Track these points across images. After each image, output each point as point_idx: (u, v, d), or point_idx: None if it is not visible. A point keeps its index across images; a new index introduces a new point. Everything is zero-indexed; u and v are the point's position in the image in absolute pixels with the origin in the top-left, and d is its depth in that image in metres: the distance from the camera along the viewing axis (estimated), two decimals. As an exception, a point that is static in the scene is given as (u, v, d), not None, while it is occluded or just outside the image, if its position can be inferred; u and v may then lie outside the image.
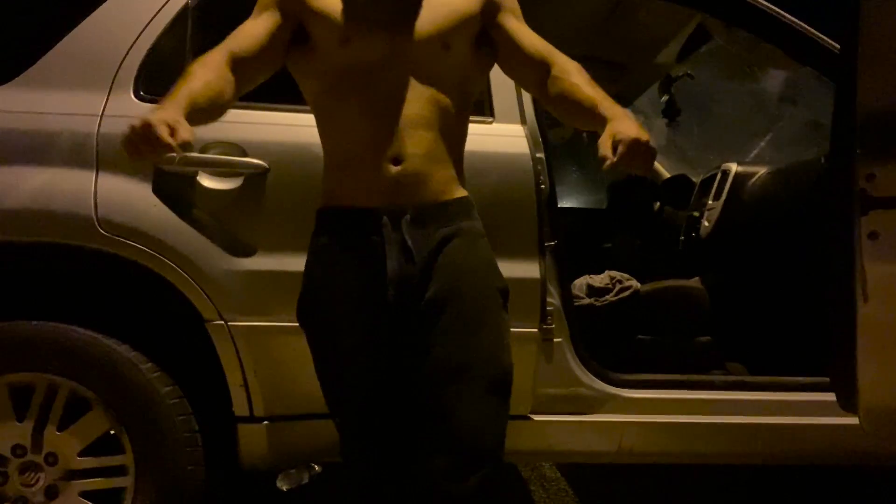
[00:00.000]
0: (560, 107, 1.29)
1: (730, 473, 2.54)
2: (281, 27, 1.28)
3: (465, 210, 1.29)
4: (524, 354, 1.66)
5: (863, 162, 1.50)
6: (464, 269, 1.25)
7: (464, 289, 1.24)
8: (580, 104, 1.24)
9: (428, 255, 1.22)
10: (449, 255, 1.23)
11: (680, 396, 1.79)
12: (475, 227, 1.30)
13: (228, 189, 1.59)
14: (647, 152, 1.11)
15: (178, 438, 1.58)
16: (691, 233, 2.83)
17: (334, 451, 1.31)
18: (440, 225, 1.24)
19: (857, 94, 1.49)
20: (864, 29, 1.48)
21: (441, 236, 1.23)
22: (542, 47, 1.31)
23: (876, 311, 1.51)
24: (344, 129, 1.25)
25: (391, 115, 1.21)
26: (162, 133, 1.03)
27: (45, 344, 1.54)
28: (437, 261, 1.22)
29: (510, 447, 1.72)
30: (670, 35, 2.73)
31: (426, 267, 1.22)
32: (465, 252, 1.25)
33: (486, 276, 1.28)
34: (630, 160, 1.09)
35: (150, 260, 1.55)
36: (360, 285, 1.22)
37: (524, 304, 1.65)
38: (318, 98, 1.30)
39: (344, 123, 1.25)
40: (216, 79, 1.20)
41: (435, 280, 1.22)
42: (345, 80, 1.24)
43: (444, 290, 1.22)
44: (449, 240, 1.24)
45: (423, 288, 1.22)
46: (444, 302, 1.22)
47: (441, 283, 1.22)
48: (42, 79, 1.62)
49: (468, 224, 1.28)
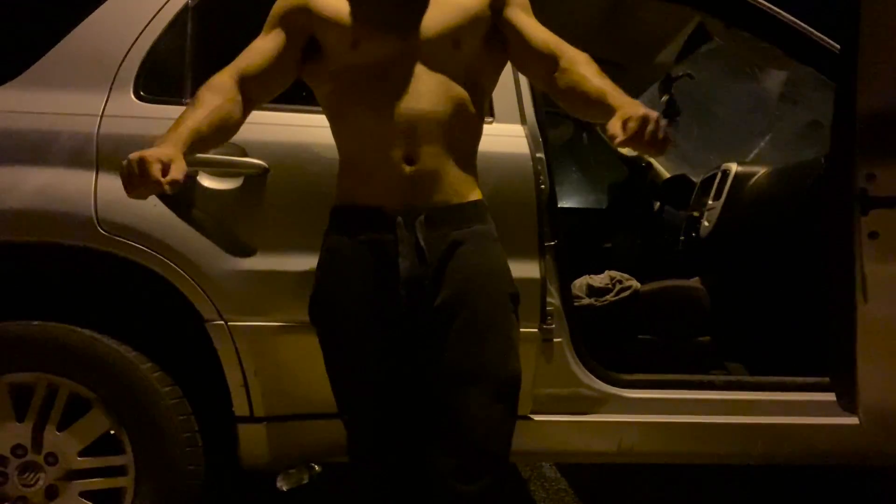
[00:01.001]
0: (569, 98, 1.29)
1: (730, 473, 2.54)
2: (291, 42, 1.29)
3: (480, 214, 1.30)
4: (524, 354, 1.66)
5: (863, 162, 1.50)
6: (475, 273, 1.25)
7: (475, 294, 1.24)
8: (588, 95, 1.23)
9: (440, 256, 1.22)
10: (461, 259, 1.24)
11: (680, 396, 1.79)
12: (489, 232, 1.30)
13: (228, 189, 1.59)
14: (657, 132, 1.07)
15: (178, 438, 1.58)
16: (691, 233, 2.83)
17: (334, 450, 1.31)
18: (454, 227, 1.24)
19: (857, 94, 1.50)
20: (864, 29, 1.48)
21: (454, 238, 1.24)
22: (550, 40, 1.32)
23: (876, 311, 1.52)
24: (357, 130, 1.26)
25: (403, 114, 1.21)
26: (153, 171, 1.06)
27: (45, 344, 1.54)
28: (449, 263, 1.23)
29: (511, 447, 1.73)
30: (670, 35, 2.73)
31: (438, 268, 1.22)
32: (477, 256, 1.26)
33: (497, 282, 1.29)
34: (640, 139, 1.06)
35: (150, 260, 1.55)
36: (372, 284, 1.23)
37: (524, 304, 1.64)
38: (331, 100, 1.31)
39: (357, 124, 1.25)
40: (224, 102, 1.23)
41: (446, 283, 1.22)
42: (356, 82, 1.25)
43: (456, 295, 1.23)
44: (461, 243, 1.24)
45: (434, 290, 1.22)
46: (456, 306, 1.22)
47: (452, 287, 1.22)
48: (42, 79, 1.62)
49: (482, 228, 1.29)
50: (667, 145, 1.09)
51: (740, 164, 2.65)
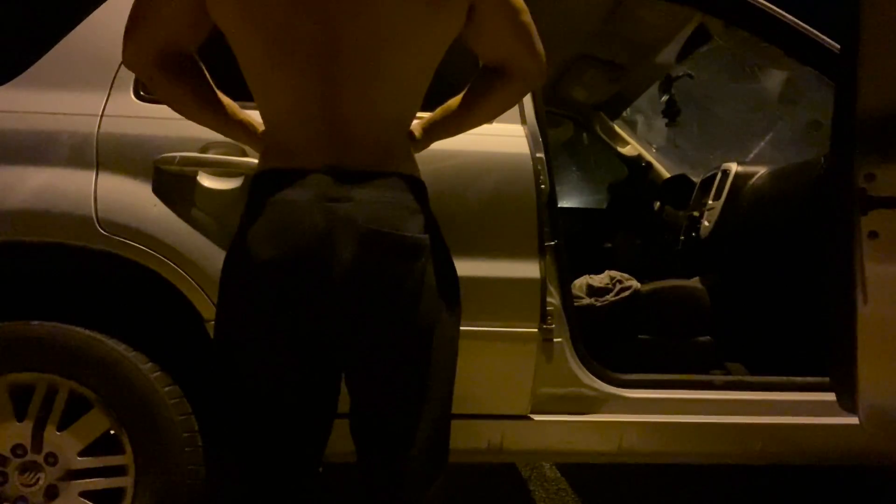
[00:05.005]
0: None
1: (730, 473, 2.55)
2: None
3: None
4: (524, 354, 1.67)
5: (863, 162, 1.50)
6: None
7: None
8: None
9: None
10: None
11: (680, 396, 1.79)
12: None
13: (228, 189, 1.59)
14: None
15: (178, 438, 1.58)
16: (691, 233, 2.83)
17: (334, 450, 1.31)
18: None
19: (857, 94, 1.50)
20: (864, 29, 1.48)
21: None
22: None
23: (876, 311, 1.52)
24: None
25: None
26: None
27: (45, 344, 1.54)
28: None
29: (511, 447, 1.74)
30: (670, 35, 2.73)
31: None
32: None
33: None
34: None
35: (150, 260, 1.55)
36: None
37: (524, 304, 1.65)
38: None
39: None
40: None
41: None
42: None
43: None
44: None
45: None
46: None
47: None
48: (42, 79, 1.62)
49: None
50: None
51: (740, 164, 2.66)
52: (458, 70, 1.31)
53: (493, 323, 1.64)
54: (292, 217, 1.02)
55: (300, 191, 1.03)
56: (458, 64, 1.28)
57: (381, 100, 1.08)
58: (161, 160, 1.56)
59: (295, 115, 1.07)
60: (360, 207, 1.03)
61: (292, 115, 1.07)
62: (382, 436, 1.13)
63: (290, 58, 1.04)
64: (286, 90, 1.06)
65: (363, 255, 1.02)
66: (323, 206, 1.02)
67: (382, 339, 1.07)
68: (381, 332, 1.06)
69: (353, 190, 1.04)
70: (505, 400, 1.70)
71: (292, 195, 1.03)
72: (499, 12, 1.13)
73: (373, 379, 1.10)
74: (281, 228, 1.02)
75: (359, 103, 1.06)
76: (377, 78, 1.06)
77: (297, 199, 1.03)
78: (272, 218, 1.03)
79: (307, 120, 1.06)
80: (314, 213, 1.02)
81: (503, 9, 1.13)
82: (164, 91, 1.18)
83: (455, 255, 1.18)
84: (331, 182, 1.04)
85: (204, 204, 1.59)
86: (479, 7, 1.12)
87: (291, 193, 1.03)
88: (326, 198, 1.03)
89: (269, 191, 1.05)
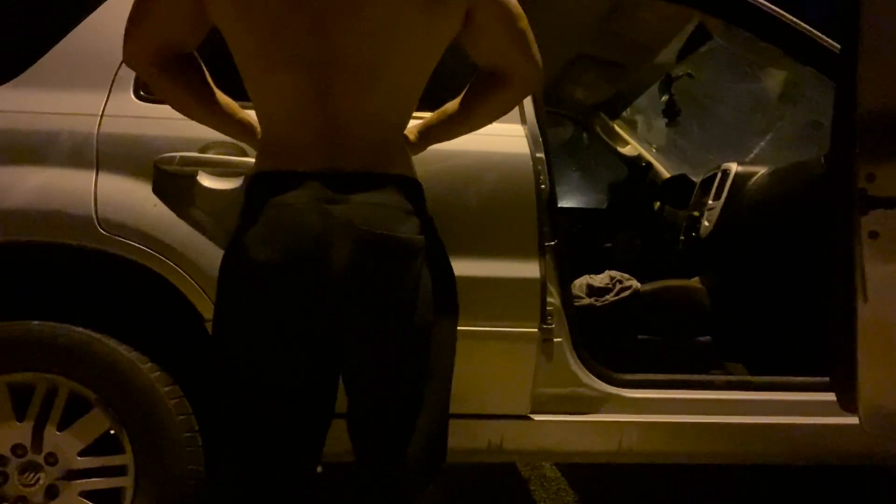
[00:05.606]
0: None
1: (730, 473, 2.55)
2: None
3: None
4: (524, 354, 1.67)
5: (863, 162, 1.50)
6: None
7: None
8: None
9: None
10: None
11: (680, 396, 1.79)
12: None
13: (228, 189, 1.59)
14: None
15: (178, 438, 1.57)
16: (691, 233, 2.83)
17: (334, 450, 1.31)
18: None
19: (857, 94, 1.50)
20: (864, 29, 1.48)
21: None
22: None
23: (876, 311, 1.52)
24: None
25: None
26: None
27: (45, 344, 1.54)
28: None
29: (511, 447, 1.74)
30: (670, 35, 2.73)
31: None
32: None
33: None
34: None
35: (149, 259, 1.55)
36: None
37: (524, 304, 1.65)
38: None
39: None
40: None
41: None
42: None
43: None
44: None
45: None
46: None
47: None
48: (42, 79, 1.62)
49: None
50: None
51: (740, 164, 2.66)
52: (457, 70, 1.31)
53: (494, 323, 1.64)
54: (288, 219, 1.03)
55: (296, 193, 1.04)
56: (456, 65, 1.28)
57: (377, 102, 1.08)
58: (161, 160, 1.56)
59: (291, 118, 1.07)
60: (356, 209, 1.03)
61: (288, 117, 1.07)
62: (379, 436, 1.14)
63: (285, 59, 1.05)
64: (282, 92, 1.06)
65: (359, 256, 1.02)
66: (319, 208, 1.02)
67: (378, 339, 1.07)
68: (376, 333, 1.07)
69: (348, 192, 1.04)
70: (505, 400, 1.70)
71: (288, 197, 1.04)
72: (496, 18, 1.13)
73: (369, 379, 1.11)
74: (277, 230, 1.03)
75: (354, 105, 1.07)
76: (373, 80, 1.07)
77: (293, 201, 1.03)
78: (269, 220, 1.04)
79: (303, 122, 1.06)
80: (310, 215, 1.02)
81: (500, 15, 1.13)
82: (165, 90, 1.19)
83: (455, 255, 1.18)
84: (327, 184, 1.04)
85: (204, 204, 1.59)
86: (476, 12, 1.12)
87: (288, 196, 1.04)
88: (322, 200, 1.03)
89: (266, 193, 1.06)
